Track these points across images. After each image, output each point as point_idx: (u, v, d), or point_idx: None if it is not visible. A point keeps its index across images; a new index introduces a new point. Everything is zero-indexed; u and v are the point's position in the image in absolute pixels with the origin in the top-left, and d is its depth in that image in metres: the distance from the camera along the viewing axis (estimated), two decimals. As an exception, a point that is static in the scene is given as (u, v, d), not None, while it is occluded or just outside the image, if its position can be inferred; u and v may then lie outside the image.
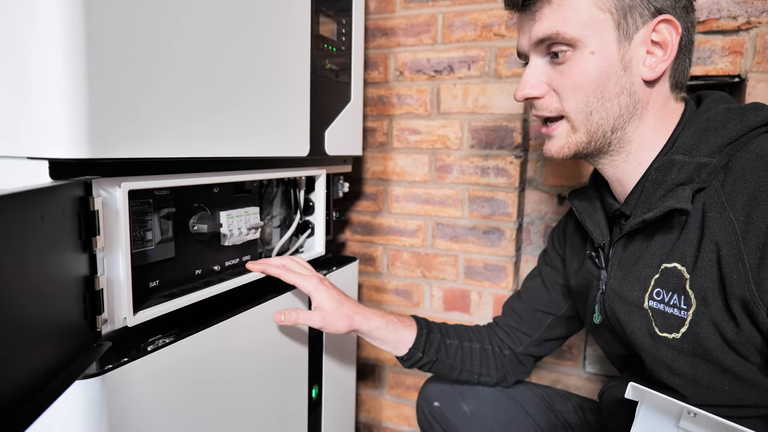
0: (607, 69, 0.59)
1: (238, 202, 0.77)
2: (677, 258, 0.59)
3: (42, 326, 0.43)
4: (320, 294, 0.77)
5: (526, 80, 0.64)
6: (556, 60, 0.61)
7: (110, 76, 0.50)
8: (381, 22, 1.18)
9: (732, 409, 0.57)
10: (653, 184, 0.61)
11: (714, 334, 0.55)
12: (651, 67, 0.60)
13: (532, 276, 0.90)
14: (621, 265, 0.66)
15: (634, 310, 0.63)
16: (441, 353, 0.83)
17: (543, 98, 0.64)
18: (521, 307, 0.87)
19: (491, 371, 0.86)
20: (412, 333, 0.82)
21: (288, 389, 0.83)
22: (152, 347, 0.57)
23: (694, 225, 0.58)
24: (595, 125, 0.62)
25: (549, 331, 0.86)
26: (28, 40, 0.47)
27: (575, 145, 0.64)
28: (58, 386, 0.44)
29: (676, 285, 0.58)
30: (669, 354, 0.60)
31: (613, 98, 0.60)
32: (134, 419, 0.55)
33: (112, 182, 0.53)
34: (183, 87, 0.58)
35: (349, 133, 0.98)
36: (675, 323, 0.58)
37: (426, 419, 0.90)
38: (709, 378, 0.57)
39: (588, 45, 0.59)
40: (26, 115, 0.48)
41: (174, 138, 0.58)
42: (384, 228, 1.24)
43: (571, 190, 0.78)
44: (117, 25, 0.50)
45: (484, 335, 0.88)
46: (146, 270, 0.62)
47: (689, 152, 0.59)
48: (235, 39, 0.66)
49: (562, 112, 0.63)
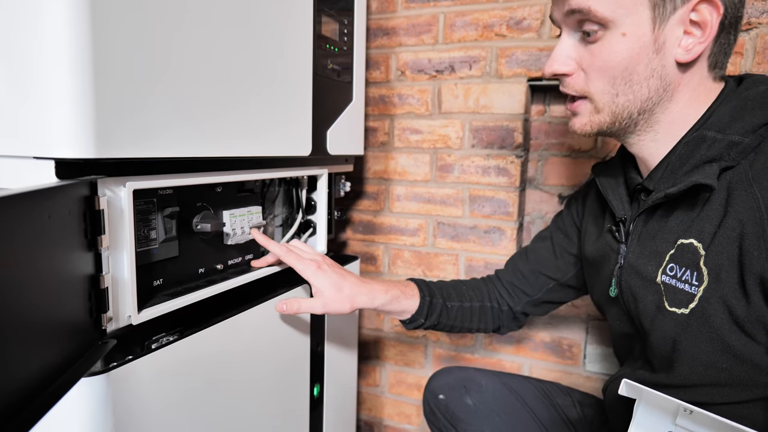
0: (638, 52, 0.58)
1: (240, 202, 0.77)
2: (694, 234, 0.58)
3: (48, 324, 0.44)
4: (319, 280, 0.77)
5: (556, 56, 0.63)
6: (588, 39, 0.60)
7: (116, 77, 0.50)
8: (383, 22, 1.18)
9: (730, 389, 0.57)
10: (680, 159, 0.60)
11: (723, 312, 0.55)
12: (687, 49, 0.58)
13: (542, 238, 0.90)
14: (640, 240, 0.65)
15: (647, 284, 0.63)
16: (442, 317, 0.87)
17: (571, 76, 0.63)
18: (527, 268, 0.89)
19: (488, 324, 0.90)
20: (416, 302, 0.85)
21: (290, 387, 0.84)
22: (156, 345, 0.57)
23: (717, 202, 0.56)
24: (621, 107, 0.61)
25: (548, 294, 0.88)
26: (34, 43, 0.48)
27: (598, 124, 0.63)
28: (64, 383, 0.45)
29: (690, 261, 0.58)
30: (674, 329, 0.60)
31: (642, 81, 0.59)
32: (138, 416, 0.55)
33: (117, 182, 0.54)
34: (186, 88, 0.59)
35: (350, 132, 0.99)
36: (684, 298, 0.58)
37: (431, 411, 0.92)
38: (708, 356, 0.57)
39: (620, 26, 0.57)
40: (33, 116, 0.49)
41: (178, 138, 0.58)
42: (385, 227, 1.25)
43: (595, 163, 0.78)
44: (121, 27, 0.50)
45: (484, 292, 0.91)
46: (150, 268, 0.63)
47: (722, 129, 0.57)
48: (238, 39, 0.66)
49: (586, 92, 0.63)
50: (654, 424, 0.51)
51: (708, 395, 0.59)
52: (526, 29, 1.05)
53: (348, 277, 0.80)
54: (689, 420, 0.48)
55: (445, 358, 1.23)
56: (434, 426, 0.92)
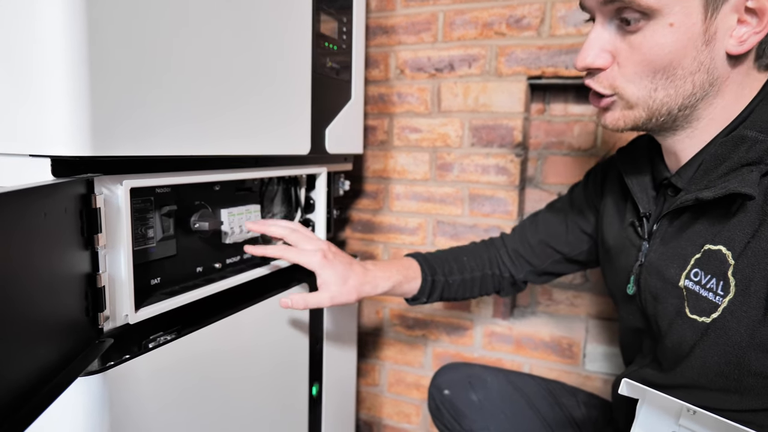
0: (685, 44, 0.51)
1: (239, 200, 0.77)
2: (724, 241, 0.53)
3: (44, 323, 0.43)
4: (325, 272, 0.75)
5: (589, 47, 0.56)
6: (627, 28, 0.53)
7: (112, 74, 0.50)
8: (382, 21, 1.18)
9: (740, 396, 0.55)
10: (715, 159, 0.54)
11: (745, 328, 0.51)
12: (741, 40, 0.51)
13: (555, 210, 0.88)
14: (664, 240, 0.61)
15: (669, 287, 0.59)
16: (444, 292, 0.88)
17: (605, 70, 0.57)
18: (535, 238, 0.87)
19: (489, 290, 0.92)
20: (417, 283, 0.85)
21: (289, 386, 0.84)
22: (154, 344, 0.57)
23: (753, 210, 0.51)
24: (659, 102, 0.55)
25: (552, 266, 0.88)
26: (30, 39, 0.47)
27: (633, 120, 0.58)
28: (60, 383, 0.44)
29: (717, 269, 0.53)
30: (692, 336, 0.56)
31: (687, 76, 0.53)
32: (136, 415, 0.55)
33: (113, 180, 0.53)
34: (184, 85, 0.58)
35: (349, 131, 0.98)
36: (707, 307, 0.54)
37: (436, 406, 0.92)
38: (720, 366, 0.54)
39: (667, 15, 0.51)
40: (28, 113, 0.49)
41: (175, 136, 0.58)
42: (384, 226, 1.24)
43: (620, 148, 0.73)
44: (118, 24, 0.50)
45: (485, 259, 0.90)
46: (148, 267, 0.63)
47: (764, 129, 0.52)
48: (237, 38, 0.66)
49: (617, 89, 0.57)
50: (657, 425, 0.51)
51: (717, 401, 0.57)
52: (525, 27, 1.05)
53: (353, 266, 0.78)
54: (692, 421, 0.48)
55: (444, 357, 1.23)
56: (438, 421, 0.92)
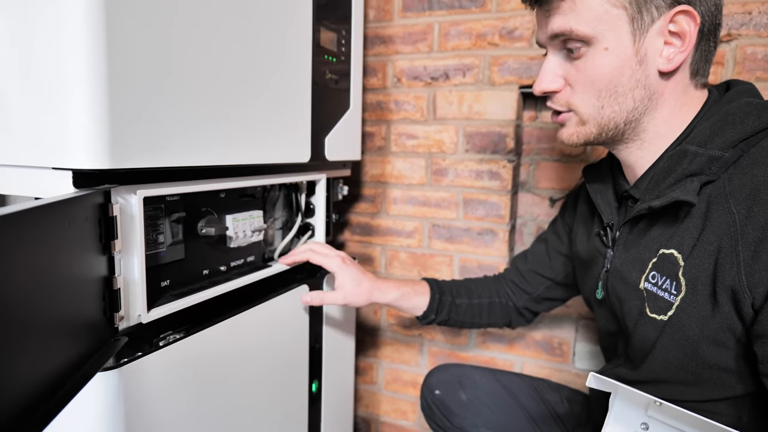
0: (621, 64, 0.60)
1: (243, 206, 0.81)
2: (675, 245, 0.60)
3: (68, 322, 0.47)
4: (343, 274, 0.87)
5: (544, 75, 0.66)
6: (572, 55, 0.62)
7: (129, 93, 0.54)
8: (380, 31, 1.22)
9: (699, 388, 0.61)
10: (663, 171, 0.62)
11: (696, 322, 0.58)
12: (668, 59, 0.60)
13: (540, 240, 0.96)
14: (626, 246, 0.68)
15: (631, 290, 0.66)
16: (452, 313, 0.94)
17: (560, 92, 0.66)
18: (525, 268, 0.94)
19: (497, 320, 0.97)
20: (426, 298, 0.92)
21: (289, 383, 0.87)
22: (164, 342, 0.61)
23: (697, 216, 0.58)
24: (607, 118, 0.63)
25: (547, 292, 0.93)
26: (54, 62, 0.51)
27: (584, 136, 0.66)
28: (82, 377, 0.48)
29: (671, 271, 0.60)
30: (653, 334, 0.63)
31: (627, 92, 0.61)
32: (147, 408, 0.59)
33: (128, 190, 0.57)
34: (194, 100, 0.62)
35: (348, 138, 1.02)
36: (664, 306, 0.61)
37: (428, 405, 0.97)
38: (679, 360, 0.61)
39: (602, 41, 0.60)
40: (52, 129, 0.53)
41: (185, 148, 0.62)
42: (382, 229, 1.28)
43: (585, 165, 0.81)
44: (136, 51, 0.54)
45: (492, 289, 0.96)
46: (158, 270, 0.67)
47: (703, 144, 0.58)
48: (243, 54, 0.69)
49: (572, 106, 0.65)
50: (629, 416, 0.55)
51: (680, 393, 0.63)
52: (517, 39, 1.09)
53: (366, 273, 0.90)
54: (659, 412, 0.52)
55: (440, 356, 1.27)
56: (430, 419, 0.97)
